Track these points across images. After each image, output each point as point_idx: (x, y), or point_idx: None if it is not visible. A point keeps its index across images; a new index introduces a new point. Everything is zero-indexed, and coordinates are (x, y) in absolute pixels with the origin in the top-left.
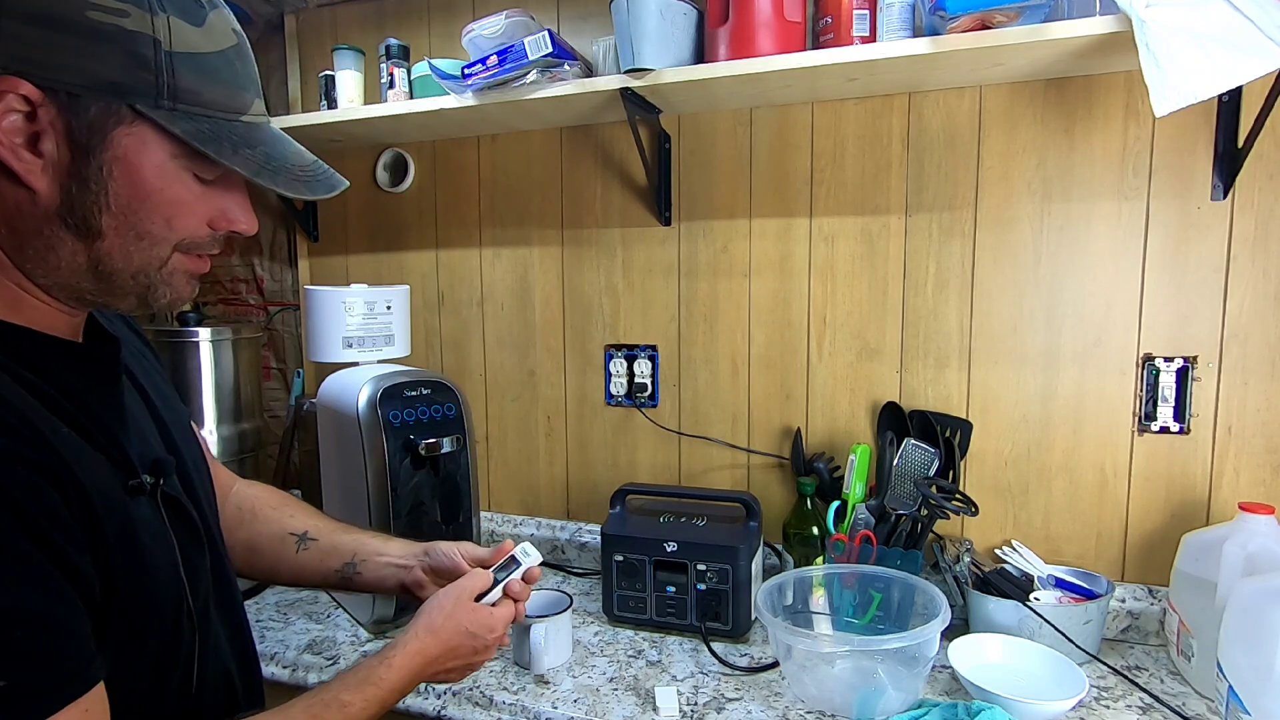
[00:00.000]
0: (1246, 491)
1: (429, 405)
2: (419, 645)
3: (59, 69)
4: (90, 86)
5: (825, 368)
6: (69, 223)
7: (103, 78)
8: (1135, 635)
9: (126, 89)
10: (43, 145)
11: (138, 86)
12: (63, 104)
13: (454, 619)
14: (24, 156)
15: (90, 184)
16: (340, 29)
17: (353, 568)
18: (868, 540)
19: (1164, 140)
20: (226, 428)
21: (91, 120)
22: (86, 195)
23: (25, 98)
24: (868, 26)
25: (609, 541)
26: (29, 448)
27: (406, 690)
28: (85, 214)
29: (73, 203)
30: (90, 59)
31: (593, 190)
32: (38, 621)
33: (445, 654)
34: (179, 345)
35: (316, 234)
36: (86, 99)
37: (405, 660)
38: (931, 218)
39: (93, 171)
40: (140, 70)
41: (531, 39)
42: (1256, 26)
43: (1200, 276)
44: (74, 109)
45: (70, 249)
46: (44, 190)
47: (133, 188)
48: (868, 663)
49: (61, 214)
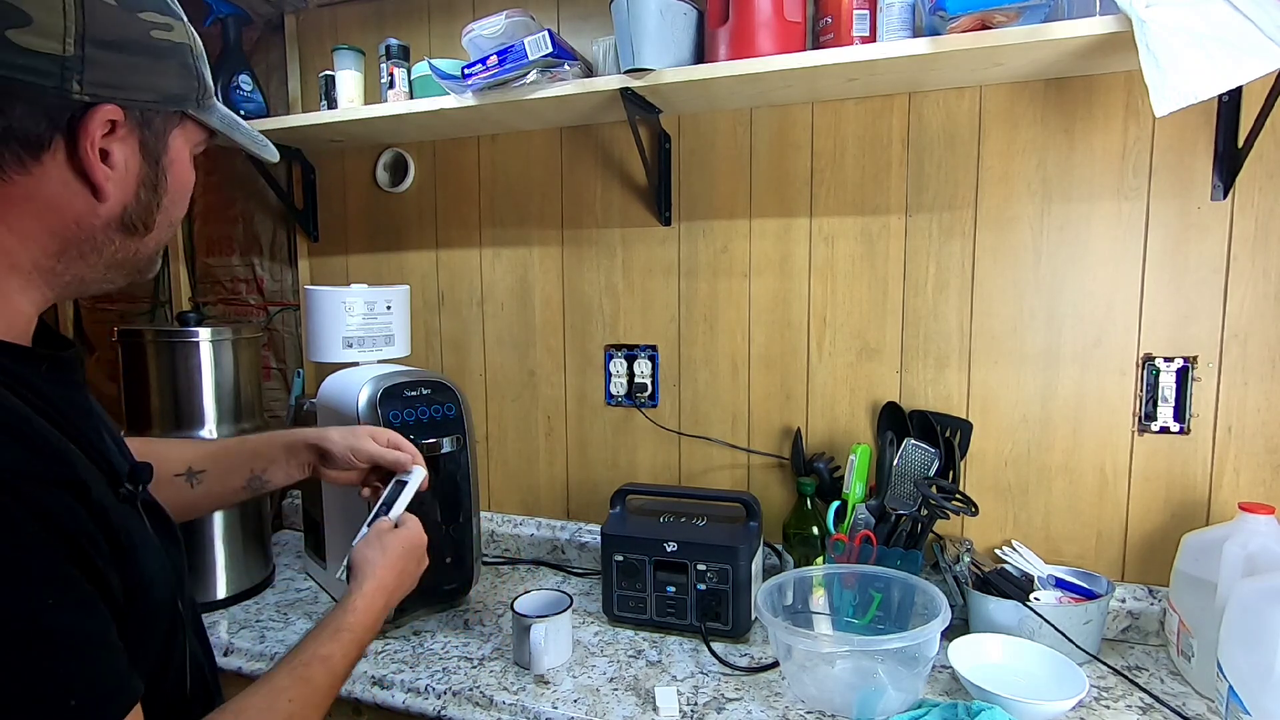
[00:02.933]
0: (1246, 491)
1: (429, 405)
2: (375, 583)
3: (135, 88)
4: (159, 100)
5: (825, 368)
6: (127, 225)
7: (167, 91)
8: (1135, 635)
9: (182, 97)
10: (114, 159)
11: (189, 93)
12: (135, 119)
13: (390, 550)
14: (103, 171)
15: (157, 188)
16: (340, 29)
17: (259, 480)
18: (868, 540)
19: (1164, 140)
20: (226, 428)
21: (158, 130)
22: (153, 198)
23: (110, 121)
24: (868, 26)
25: (609, 541)
26: (56, 466)
27: (375, 627)
28: (146, 215)
29: (140, 207)
30: (159, 76)
31: (593, 190)
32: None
33: (398, 577)
34: (179, 345)
35: (316, 234)
36: (155, 113)
37: (366, 601)
38: (931, 218)
39: (160, 176)
40: (189, 78)
41: (531, 39)
42: (1256, 26)
43: (1200, 277)
44: (146, 122)
45: (115, 248)
46: (112, 199)
47: (177, 183)
48: (868, 663)
49: (123, 219)
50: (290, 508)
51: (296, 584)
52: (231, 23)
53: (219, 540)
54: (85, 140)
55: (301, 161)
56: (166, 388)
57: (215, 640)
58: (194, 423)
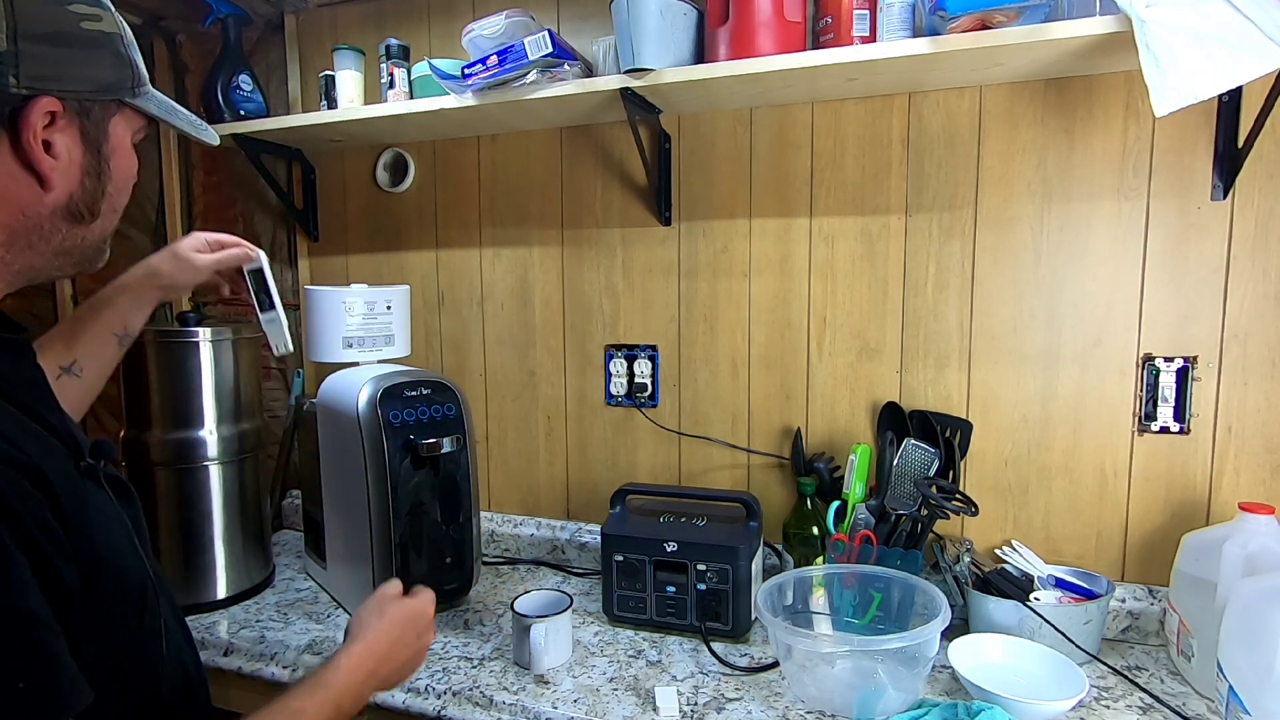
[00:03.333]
0: (1246, 491)
1: (429, 405)
2: (364, 645)
3: (71, 79)
4: (96, 90)
5: (825, 368)
6: (73, 213)
7: (102, 80)
8: (1135, 635)
9: (118, 86)
10: (56, 149)
11: (123, 81)
12: (74, 109)
13: (388, 614)
14: (47, 161)
15: (100, 175)
16: (340, 29)
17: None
18: (868, 540)
19: (1164, 140)
20: (226, 428)
21: (97, 119)
22: (97, 186)
23: (50, 112)
24: (868, 26)
25: (609, 541)
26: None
27: (360, 693)
28: (91, 203)
29: (85, 194)
30: (92, 66)
31: (593, 190)
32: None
33: (392, 645)
34: (179, 345)
35: (316, 234)
36: (92, 101)
37: (351, 661)
38: (931, 218)
39: (102, 164)
40: (123, 66)
41: (531, 39)
42: (1256, 26)
43: (1200, 276)
44: (85, 112)
45: (62, 236)
46: (58, 188)
47: (120, 170)
48: (868, 663)
49: (69, 207)
50: (290, 508)
51: (296, 584)
52: (231, 23)
53: (219, 540)
54: (27, 132)
55: (301, 161)
56: (166, 388)
57: (215, 640)
58: (194, 423)
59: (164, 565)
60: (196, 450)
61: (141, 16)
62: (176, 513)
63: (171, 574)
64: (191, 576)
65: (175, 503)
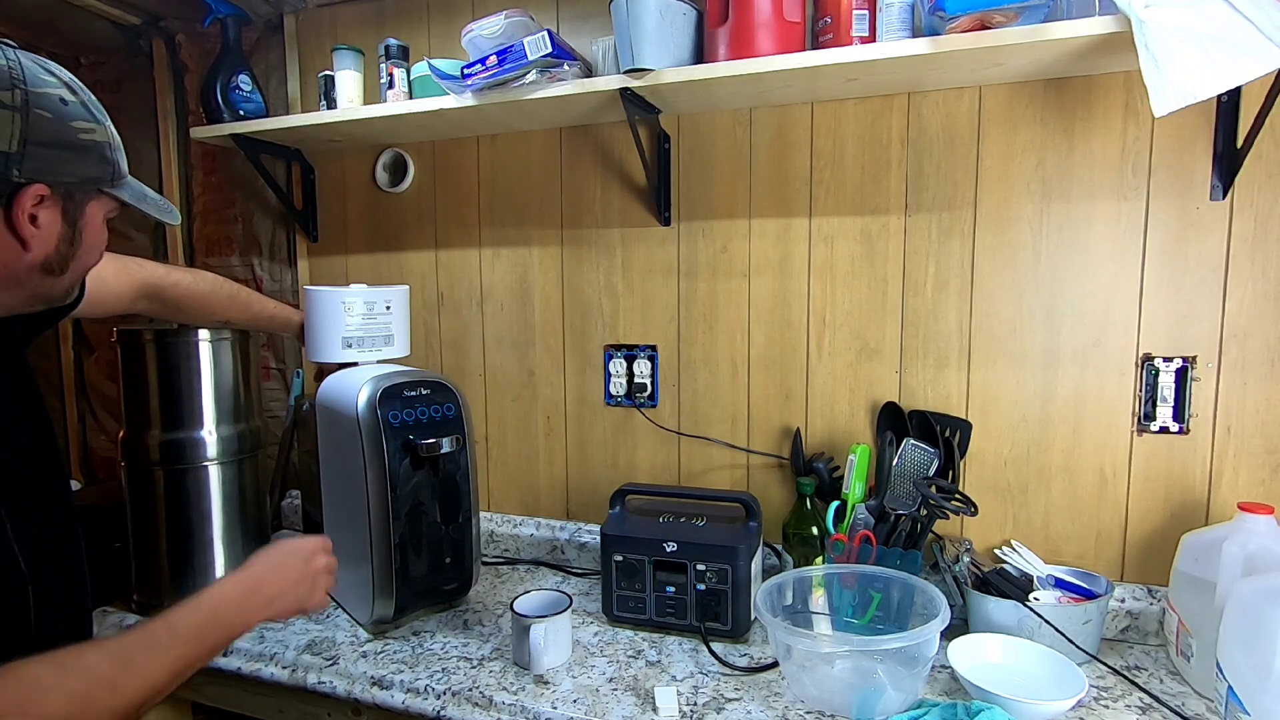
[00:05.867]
0: (1246, 491)
1: (428, 405)
2: (242, 569)
3: (62, 173)
4: (80, 181)
5: (825, 368)
6: (47, 268)
7: (87, 174)
8: (1135, 635)
9: (99, 179)
10: (40, 221)
11: (104, 176)
12: (61, 194)
13: (271, 549)
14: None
15: (73, 243)
16: (340, 29)
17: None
18: (867, 540)
19: (1163, 140)
20: (226, 428)
21: (78, 202)
22: (69, 250)
23: (40, 195)
24: (867, 27)
25: (608, 541)
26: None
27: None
28: (62, 262)
29: (58, 256)
30: (80, 164)
31: (592, 190)
32: None
33: (272, 567)
34: (178, 345)
35: (316, 234)
36: (76, 189)
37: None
38: (931, 218)
39: (76, 234)
40: (105, 165)
41: (531, 39)
42: (1256, 27)
43: (1199, 276)
44: (69, 195)
45: (37, 284)
46: (37, 250)
47: (90, 239)
48: (867, 663)
49: (45, 264)
50: (289, 508)
51: None
52: (231, 23)
53: (218, 541)
54: (18, 210)
55: (301, 162)
56: (166, 388)
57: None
58: (193, 423)
59: (164, 566)
60: (196, 451)
61: (141, 16)
62: (176, 513)
63: (170, 574)
64: (191, 577)
65: (174, 503)
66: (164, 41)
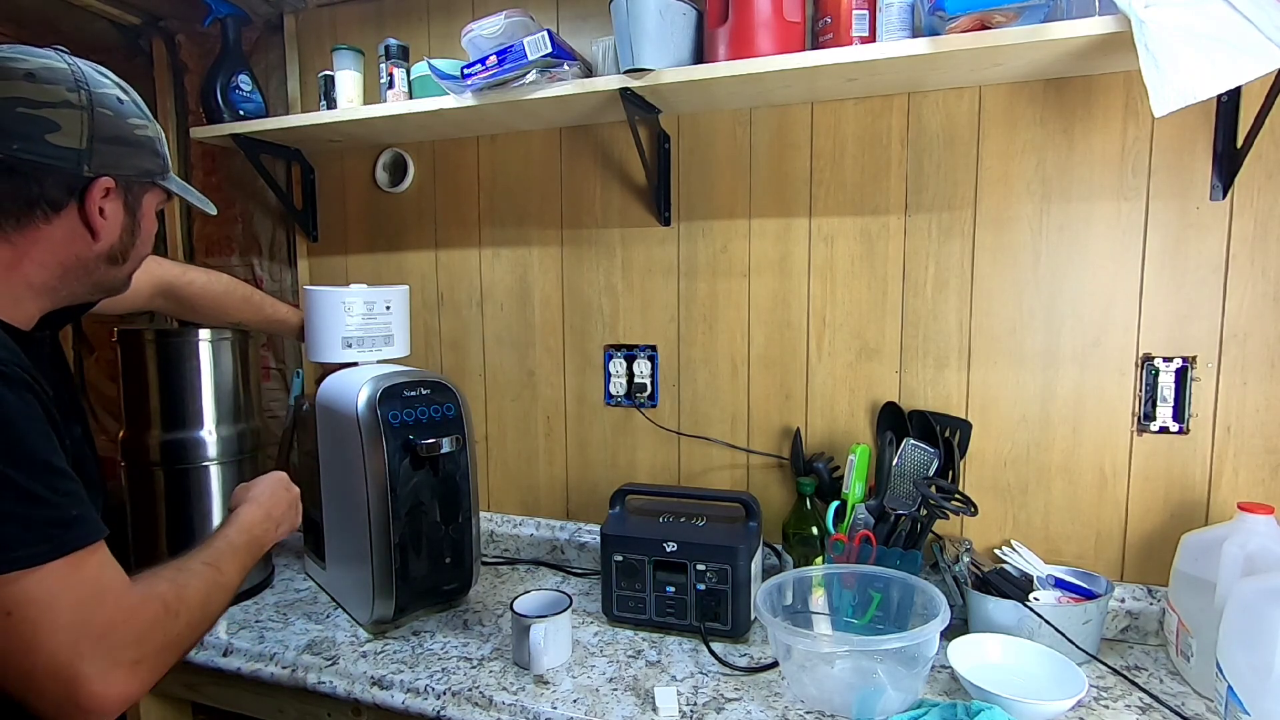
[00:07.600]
0: (1245, 491)
1: (428, 405)
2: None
3: (123, 167)
4: (137, 174)
5: (825, 368)
6: (112, 258)
7: (143, 168)
8: (1134, 635)
9: (153, 172)
10: (107, 213)
11: (156, 169)
12: (123, 186)
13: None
14: (100, 221)
15: (134, 233)
16: (340, 29)
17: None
18: (867, 540)
19: (1163, 140)
20: (225, 428)
21: (136, 193)
22: (130, 239)
23: (106, 188)
24: (867, 27)
25: (608, 541)
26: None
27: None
28: (125, 251)
29: (121, 245)
30: (137, 158)
31: (592, 190)
32: (74, 479)
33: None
34: (178, 345)
35: (316, 234)
36: (134, 182)
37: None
38: (931, 218)
39: (136, 225)
40: (157, 158)
41: (531, 39)
42: (1256, 27)
43: (1199, 276)
44: (129, 188)
45: (103, 274)
46: (104, 240)
47: (146, 229)
48: (867, 663)
49: (110, 254)
50: None
51: (296, 584)
52: (231, 23)
53: None
54: (90, 203)
55: (301, 162)
56: (166, 387)
57: (215, 640)
58: (193, 423)
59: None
60: (196, 451)
61: (141, 16)
62: (176, 513)
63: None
64: None
65: (175, 503)
66: (164, 41)
